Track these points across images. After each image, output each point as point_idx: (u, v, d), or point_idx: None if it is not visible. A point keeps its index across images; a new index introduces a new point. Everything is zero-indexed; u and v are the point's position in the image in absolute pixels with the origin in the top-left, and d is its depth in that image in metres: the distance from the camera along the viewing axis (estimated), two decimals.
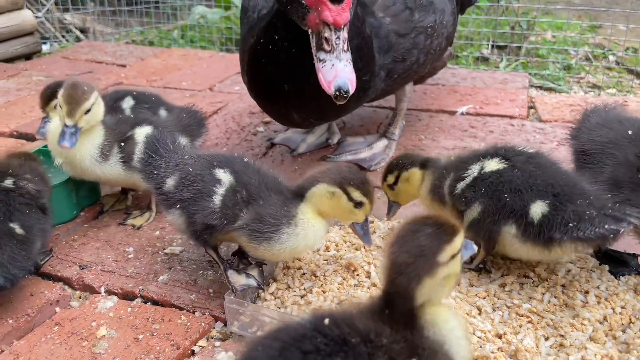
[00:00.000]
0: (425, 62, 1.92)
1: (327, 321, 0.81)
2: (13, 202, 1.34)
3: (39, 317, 1.31)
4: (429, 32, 1.82)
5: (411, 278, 0.81)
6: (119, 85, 2.81)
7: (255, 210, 1.19)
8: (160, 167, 1.30)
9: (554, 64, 3.21)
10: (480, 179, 1.26)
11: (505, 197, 1.21)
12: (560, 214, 1.15)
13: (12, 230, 1.29)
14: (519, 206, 1.19)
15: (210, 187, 1.21)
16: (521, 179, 1.22)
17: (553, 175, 1.23)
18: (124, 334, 1.24)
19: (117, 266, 1.47)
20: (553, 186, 1.20)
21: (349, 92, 1.24)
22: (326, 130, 2.25)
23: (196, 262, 1.48)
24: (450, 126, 2.30)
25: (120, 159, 1.55)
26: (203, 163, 1.27)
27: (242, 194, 1.21)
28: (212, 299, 1.34)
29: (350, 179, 1.17)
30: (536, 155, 1.29)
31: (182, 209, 1.24)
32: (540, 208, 1.17)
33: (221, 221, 1.20)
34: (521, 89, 2.67)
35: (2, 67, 3.11)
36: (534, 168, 1.24)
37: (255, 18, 1.77)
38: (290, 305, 1.25)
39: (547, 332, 1.12)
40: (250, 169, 1.26)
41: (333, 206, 1.19)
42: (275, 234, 1.17)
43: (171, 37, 3.93)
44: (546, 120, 2.32)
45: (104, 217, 1.72)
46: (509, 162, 1.27)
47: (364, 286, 1.29)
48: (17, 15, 3.39)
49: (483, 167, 1.27)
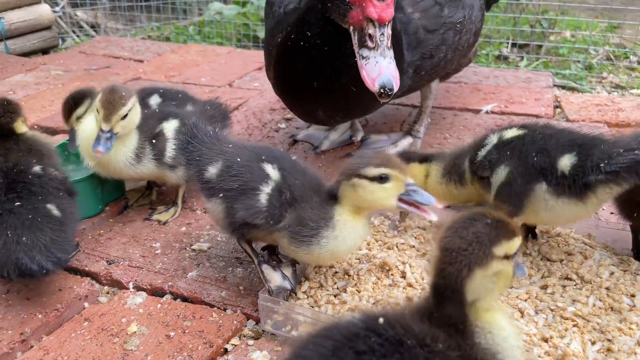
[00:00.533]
0: (453, 58, 1.89)
1: (382, 320, 0.78)
2: (46, 185, 1.33)
3: (68, 312, 1.29)
4: (458, 27, 1.79)
5: (462, 267, 0.77)
6: (137, 81, 2.79)
7: (297, 213, 1.15)
8: (202, 153, 1.25)
9: (575, 64, 3.17)
10: (502, 144, 1.28)
11: (533, 157, 1.23)
12: (589, 158, 1.18)
13: (49, 212, 1.28)
14: (547, 164, 1.21)
15: (258, 183, 1.17)
16: (544, 139, 1.25)
17: (570, 133, 1.28)
18: (155, 331, 1.22)
19: (145, 262, 1.45)
20: (575, 140, 1.24)
21: (393, 90, 1.22)
22: (349, 128, 2.22)
23: (225, 258, 1.45)
24: (475, 125, 2.26)
25: (153, 157, 1.52)
26: (250, 154, 1.22)
27: (286, 194, 1.16)
28: (242, 297, 1.31)
29: (359, 163, 1.09)
30: (548, 124, 1.34)
31: (224, 198, 1.19)
32: (569, 160, 1.20)
33: (267, 221, 1.15)
34: (545, 88, 2.62)
35: (21, 61, 3.10)
36: (552, 131, 1.29)
37: (282, 13, 1.74)
38: (324, 305, 1.22)
39: (594, 336, 1.08)
40: (297, 168, 1.21)
41: (364, 198, 1.10)
42: (315, 238, 1.13)
43: (187, 33, 3.91)
44: (573, 120, 2.28)
45: (129, 212, 1.70)
46: (526, 130, 1.30)
47: (400, 286, 1.25)
48: (35, 9, 3.38)
49: (502, 135, 1.30)
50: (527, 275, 1.27)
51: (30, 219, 1.24)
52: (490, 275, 0.78)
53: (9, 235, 1.21)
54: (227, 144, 1.27)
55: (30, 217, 1.25)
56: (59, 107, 2.49)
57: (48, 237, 1.23)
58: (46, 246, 1.22)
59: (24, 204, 1.27)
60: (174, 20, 4.10)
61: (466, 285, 0.78)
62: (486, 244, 0.77)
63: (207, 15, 3.88)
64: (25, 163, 1.37)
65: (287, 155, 1.26)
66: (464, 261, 0.77)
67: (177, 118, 1.57)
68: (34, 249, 1.20)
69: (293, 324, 1.18)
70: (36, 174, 1.35)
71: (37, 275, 1.19)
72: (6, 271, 1.19)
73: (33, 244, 1.21)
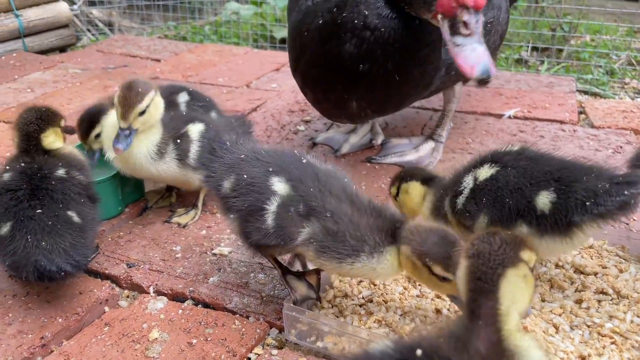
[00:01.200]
0: None
1: (420, 353, 0.74)
2: (68, 191, 1.31)
3: (88, 316, 1.27)
4: (488, 28, 1.76)
5: (496, 265, 0.77)
6: (155, 80, 2.78)
7: (321, 224, 1.08)
8: (216, 169, 1.21)
9: (597, 69, 3.10)
10: (477, 189, 1.21)
11: (508, 201, 1.16)
12: (571, 195, 1.10)
13: (70, 218, 1.27)
14: (523, 204, 1.14)
15: (263, 202, 1.10)
16: (517, 177, 1.17)
17: (548, 163, 1.19)
18: (177, 338, 1.19)
19: (165, 265, 1.42)
20: (551, 173, 1.15)
21: (490, 76, 1.19)
22: (369, 131, 2.18)
23: (246, 263, 1.43)
24: (498, 130, 2.21)
25: (175, 156, 1.50)
26: (259, 167, 1.16)
27: (297, 207, 1.09)
28: (265, 304, 1.28)
29: (430, 253, 1.01)
30: (523, 151, 1.25)
31: (237, 219, 1.15)
32: (547, 197, 1.12)
33: (278, 241, 1.10)
34: (569, 93, 2.57)
35: (39, 59, 3.10)
36: (526, 162, 1.20)
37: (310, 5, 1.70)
38: (349, 315, 1.19)
39: (633, 354, 1.04)
40: (309, 172, 1.13)
41: (417, 274, 1.06)
42: (351, 258, 1.06)
43: (203, 32, 3.89)
44: (599, 127, 2.23)
45: (149, 214, 1.68)
46: (499, 164, 1.22)
47: (428, 297, 1.22)
48: (53, 7, 3.38)
49: (476, 176, 1.22)
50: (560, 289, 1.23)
51: (50, 225, 1.23)
52: (521, 276, 0.79)
53: (28, 240, 1.21)
54: (241, 154, 1.21)
55: (51, 223, 1.24)
56: (78, 106, 2.50)
57: (68, 242, 1.22)
58: (65, 250, 1.21)
59: (45, 211, 1.25)
60: (190, 20, 4.09)
61: (501, 286, 0.77)
62: (514, 247, 0.80)
63: (224, 15, 3.86)
64: (50, 166, 1.35)
65: (297, 157, 1.17)
66: (497, 260, 0.78)
67: (203, 122, 1.54)
68: (53, 252, 1.20)
69: (318, 335, 1.15)
70: (60, 179, 1.33)
71: (55, 277, 1.18)
72: (25, 273, 1.18)
73: (52, 248, 1.20)
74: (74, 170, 1.38)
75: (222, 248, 1.49)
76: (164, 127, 1.51)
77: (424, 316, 1.16)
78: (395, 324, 1.15)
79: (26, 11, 3.26)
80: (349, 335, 1.10)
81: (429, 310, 1.17)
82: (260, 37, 3.70)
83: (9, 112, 2.39)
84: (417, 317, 1.16)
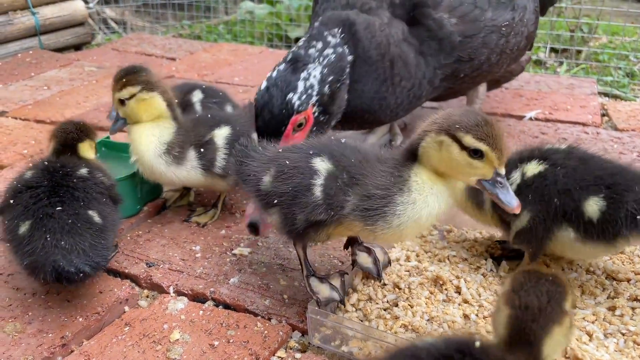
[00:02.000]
0: (500, 62, 1.83)
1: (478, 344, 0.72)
2: (90, 190, 1.29)
3: (108, 316, 1.25)
4: (504, 30, 1.74)
5: (545, 324, 0.76)
6: (170, 79, 2.77)
7: (361, 189, 1.03)
8: (254, 169, 1.18)
9: (616, 70, 3.05)
10: (525, 184, 1.18)
11: (555, 201, 1.12)
12: (622, 206, 1.06)
13: (91, 218, 1.25)
14: (571, 207, 1.11)
15: (310, 179, 1.07)
16: (566, 177, 1.14)
17: (598, 166, 1.15)
18: (198, 339, 1.17)
19: (185, 265, 1.41)
20: (602, 178, 1.11)
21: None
22: (387, 132, 2.16)
23: (266, 264, 1.40)
24: (520, 131, 2.18)
25: (199, 165, 1.46)
26: (298, 153, 1.14)
27: (342, 177, 1.04)
28: (287, 306, 1.26)
29: (459, 121, 0.93)
30: (572, 150, 1.21)
31: (280, 205, 1.11)
32: (596, 205, 1.09)
33: (328, 213, 1.06)
34: (590, 95, 2.52)
35: (55, 56, 3.11)
36: (576, 162, 1.16)
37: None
38: (374, 319, 1.16)
39: None
40: (349, 148, 1.10)
41: (445, 161, 0.96)
42: (388, 207, 0.99)
43: (218, 31, 3.89)
44: (623, 129, 2.18)
45: (167, 213, 1.66)
46: (548, 162, 1.18)
47: (455, 302, 1.19)
48: (69, 5, 3.39)
49: (524, 172, 1.20)
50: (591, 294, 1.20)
51: (70, 224, 1.21)
52: (564, 330, 0.78)
53: (47, 239, 1.18)
54: (277, 149, 1.20)
55: (70, 222, 1.21)
56: (94, 104, 2.49)
57: (87, 243, 1.19)
58: (85, 250, 1.18)
59: (65, 209, 1.23)
60: (204, 19, 4.09)
61: (545, 342, 0.76)
62: (559, 301, 0.79)
63: (239, 14, 3.85)
64: (72, 165, 1.34)
65: (336, 140, 1.14)
66: (545, 318, 0.77)
67: (229, 125, 1.50)
68: (72, 253, 1.17)
69: (342, 339, 1.12)
70: (81, 177, 1.32)
71: (73, 279, 1.15)
72: (43, 274, 1.16)
73: (72, 248, 1.18)
74: (96, 171, 1.36)
75: (242, 248, 1.46)
76: (180, 129, 1.47)
77: (451, 321, 1.13)
78: (423, 329, 1.12)
79: (43, 9, 3.27)
80: (374, 340, 1.07)
81: (457, 315, 1.14)
82: (275, 37, 3.68)
83: (26, 110, 2.40)
84: (444, 322, 1.13)
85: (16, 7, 3.15)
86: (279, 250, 1.46)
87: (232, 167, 1.25)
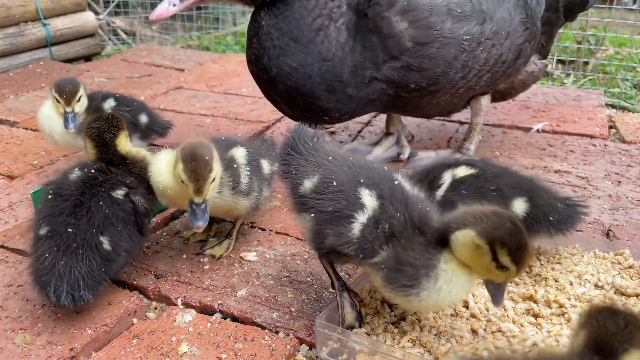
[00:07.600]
0: (470, 77, 1.76)
1: None
2: (111, 214, 1.26)
3: (117, 327, 1.26)
4: (465, 44, 1.67)
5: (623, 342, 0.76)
6: (179, 90, 2.80)
7: (396, 252, 1.02)
8: (299, 167, 1.16)
9: (623, 82, 3.05)
10: (456, 183, 1.30)
11: (491, 196, 1.25)
12: (540, 209, 1.25)
13: (99, 244, 1.23)
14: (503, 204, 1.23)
15: (353, 210, 1.05)
16: (497, 178, 1.29)
17: (512, 175, 1.32)
18: (206, 352, 1.18)
19: (193, 277, 1.41)
20: (519, 184, 1.28)
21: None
22: (394, 144, 2.17)
23: (274, 277, 1.41)
24: (527, 144, 2.18)
25: (229, 184, 1.38)
26: (348, 175, 1.11)
27: (385, 227, 1.03)
28: (294, 319, 1.26)
29: (503, 237, 0.95)
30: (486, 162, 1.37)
31: (315, 219, 1.09)
32: (522, 205, 1.25)
33: (357, 253, 1.05)
34: (598, 107, 2.52)
35: (65, 67, 3.15)
36: (497, 170, 1.32)
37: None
38: (382, 333, 1.16)
39: None
40: (399, 196, 1.06)
41: (474, 260, 0.99)
42: (413, 289, 1.00)
43: (226, 42, 3.92)
44: (630, 142, 2.18)
45: (176, 225, 1.67)
46: (475, 167, 1.32)
47: (463, 317, 1.18)
48: (79, 16, 3.44)
49: (455, 174, 1.31)
50: None
51: (74, 248, 1.20)
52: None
53: (47, 256, 1.19)
54: (326, 156, 1.17)
55: (75, 245, 1.20)
56: None
57: (84, 271, 1.18)
58: (77, 279, 1.17)
59: (75, 231, 1.21)
60: (212, 30, 4.13)
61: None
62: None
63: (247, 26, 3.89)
64: (112, 183, 1.29)
65: (389, 177, 1.11)
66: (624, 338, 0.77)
67: (244, 147, 1.46)
68: (64, 278, 1.17)
69: (350, 353, 1.12)
70: (111, 200, 1.27)
71: (56, 303, 1.17)
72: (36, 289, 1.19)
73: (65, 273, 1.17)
74: (136, 196, 1.32)
75: (249, 260, 1.47)
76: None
77: (459, 336, 1.13)
78: (430, 344, 1.12)
79: (53, 20, 3.32)
80: (382, 354, 1.07)
81: (465, 330, 1.14)
82: None
83: (37, 120, 2.42)
84: (452, 337, 1.13)
85: (28, 18, 3.20)
86: (286, 262, 1.47)
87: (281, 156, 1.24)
